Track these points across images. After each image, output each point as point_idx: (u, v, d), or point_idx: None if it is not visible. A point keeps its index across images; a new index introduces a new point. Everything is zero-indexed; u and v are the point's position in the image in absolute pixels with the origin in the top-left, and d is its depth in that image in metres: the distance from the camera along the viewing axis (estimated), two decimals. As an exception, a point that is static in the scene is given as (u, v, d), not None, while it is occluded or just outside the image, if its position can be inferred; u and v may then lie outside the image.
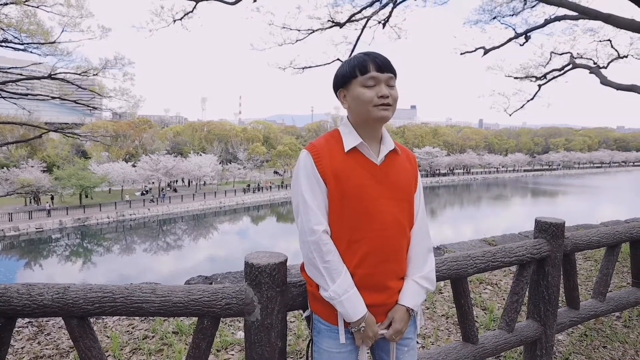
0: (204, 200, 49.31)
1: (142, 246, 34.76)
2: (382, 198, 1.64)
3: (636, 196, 55.32)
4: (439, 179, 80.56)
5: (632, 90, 8.83)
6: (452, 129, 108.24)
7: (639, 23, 6.40)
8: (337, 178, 1.61)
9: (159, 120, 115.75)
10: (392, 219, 1.66)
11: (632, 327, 3.83)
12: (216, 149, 68.18)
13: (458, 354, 2.60)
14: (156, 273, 27.13)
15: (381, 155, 1.68)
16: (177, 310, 1.75)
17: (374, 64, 1.62)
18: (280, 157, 66.53)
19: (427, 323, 3.85)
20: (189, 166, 51.81)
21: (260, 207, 52.37)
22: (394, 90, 1.65)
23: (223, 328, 3.57)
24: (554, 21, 9.66)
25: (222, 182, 60.11)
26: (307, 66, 11.63)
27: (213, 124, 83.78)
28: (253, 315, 1.79)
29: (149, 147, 62.68)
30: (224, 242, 36.54)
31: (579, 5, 7.56)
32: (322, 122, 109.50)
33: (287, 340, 3.34)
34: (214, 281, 4.43)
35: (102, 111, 60.22)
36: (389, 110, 1.63)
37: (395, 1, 10.38)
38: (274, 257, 1.82)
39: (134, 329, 3.49)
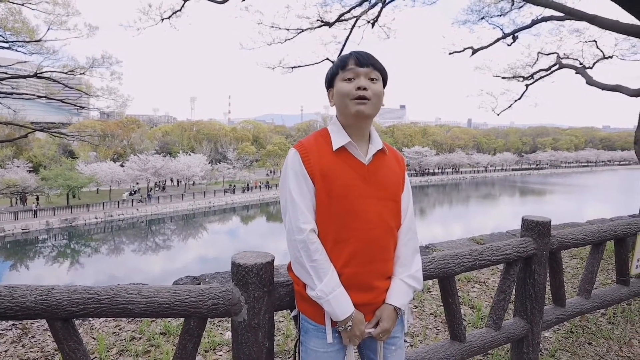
0: (193, 200, 49.04)
1: (131, 247, 34.47)
2: (368, 197, 1.64)
3: (621, 195, 56.10)
4: (428, 178, 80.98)
5: (617, 90, 8.94)
6: (441, 128, 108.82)
7: (623, 24, 6.49)
8: (324, 177, 1.61)
9: (148, 120, 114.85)
10: (379, 218, 1.66)
11: (616, 324, 3.89)
12: (205, 149, 67.83)
13: (446, 352, 2.62)
14: (145, 274, 26.93)
15: (369, 155, 1.67)
16: (163, 311, 1.74)
17: (353, 59, 1.63)
18: (270, 156, 66.40)
19: (416, 322, 3.87)
20: (178, 166, 51.49)
21: (249, 207, 52.20)
22: (376, 84, 1.63)
23: (211, 328, 3.55)
24: (541, 22, 9.75)
25: (212, 182, 59.82)
26: (296, 66, 11.61)
27: (202, 124, 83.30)
28: (240, 316, 1.79)
29: (137, 146, 62.15)
30: (213, 242, 36.39)
31: (565, 6, 7.63)
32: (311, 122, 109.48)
33: (275, 340, 3.34)
34: (202, 281, 4.40)
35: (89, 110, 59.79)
36: (366, 104, 1.61)
37: (384, 1, 10.40)
38: (260, 257, 1.81)
39: (121, 330, 3.46)
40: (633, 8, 5.54)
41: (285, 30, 11.12)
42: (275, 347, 3.24)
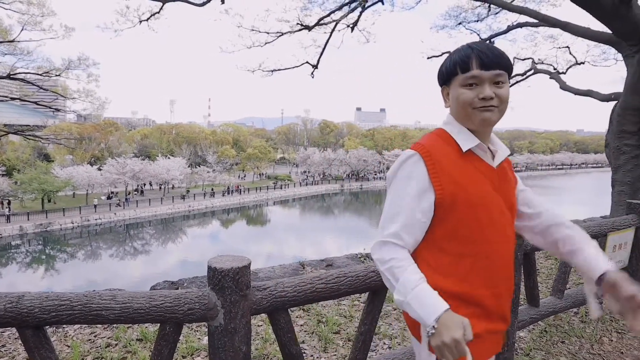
0: (173, 204, 48.44)
1: (109, 252, 33.85)
2: (500, 207, 1.44)
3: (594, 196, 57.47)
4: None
5: (589, 95, 9.19)
6: (421, 131, 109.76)
7: (594, 32, 6.69)
8: (456, 184, 1.39)
9: (126, 123, 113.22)
10: (511, 229, 1.48)
11: (588, 322, 3.98)
12: (185, 152, 67.16)
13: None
14: (124, 279, 26.49)
15: (498, 159, 1.48)
16: (139, 317, 1.72)
17: (477, 60, 1.38)
18: (250, 159, 66.09)
19: (394, 324, 3.90)
20: (157, 169, 50.80)
21: (230, 211, 51.82)
22: (503, 88, 1.40)
23: (189, 333, 3.52)
24: (516, 28, 9.96)
25: (191, 185, 59.21)
26: (276, 69, 11.61)
27: (182, 127, 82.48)
28: (216, 320, 1.78)
29: (115, 150, 61.16)
30: (194, 246, 35.97)
31: (539, 13, 7.82)
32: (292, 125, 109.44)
33: (255, 344, 3.34)
34: (180, 286, 4.36)
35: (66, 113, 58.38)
36: (493, 111, 1.39)
37: (364, 5, 10.48)
38: (237, 261, 1.81)
39: (96, 337, 3.40)
40: (603, 17, 5.70)
41: (265, 33, 11.12)
42: (254, 352, 3.23)
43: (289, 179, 71.21)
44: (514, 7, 8.41)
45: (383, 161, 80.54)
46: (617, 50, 6.46)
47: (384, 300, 2.48)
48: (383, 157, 79.99)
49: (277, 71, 11.69)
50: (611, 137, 6.33)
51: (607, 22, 5.77)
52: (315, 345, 3.42)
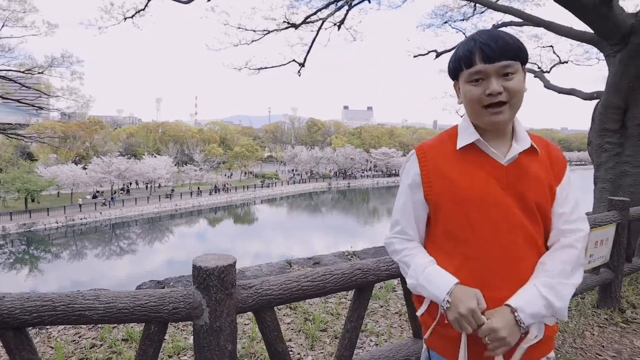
0: (159, 202, 48.05)
1: (95, 252, 33.48)
2: (505, 206, 1.33)
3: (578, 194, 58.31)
4: (396, 179, 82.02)
5: (572, 93, 9.32)
6: (408, 130, 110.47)
7: (577, 31, 6.78)
8: (445, 180, 1.38)
9: (112, 121, 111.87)
10: (523, 235, 1.34)
11: (570, 317, 4.05)
12: (171, 151, 66.68)
13: (409, 350, 2.67)
14: (110, 279, 26.24)
15: (510, 155, 1.35)
16: (123, 316, 1.70)
17: (480, 53, 1.29)
18: (237, 158, 65.82)
19: (381, 321, 3.92)
20: (143, 168, 50.36)
21: (217, 209, 51.58)
22: (513, 80, 1.29)
23: (175, 333, 3.50)
24: (501, 27, 10.04)
25: (178, 184, 58.78)
26: (262, 67, 11.58)
27: (168, 125, 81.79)
28: (201, 319, 1.77)
29: (100, 148, 60.49)
30: (181, 245, 35.76)
31: (524, 13, 7.90)
32: (279, 123, 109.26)
33: (241, 343, 3.33)
34: (167, 285, 4.33)
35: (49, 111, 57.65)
36: (502, 112, 1.30)
37: (350, 3, 10.49)
38: (222, 260, 1.80)
39: (81, 337, 3.36)
40: (585, 16, 5.79)
41: (252, 31, 11.08)
42: (240, 350, 3.23)
43: (276, 177, 71.09)
44: (499, 6, 8.50)
45: (370, 159, 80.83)
46: (599, 50, 6.56)
47: (370, 298, 2.49)
48: (370, 155, 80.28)
49: (264, 69, 11.66)
50: (593, 135, 6.43)
51: (589, 22, 5.86)
52: (302, 343, 3.43)
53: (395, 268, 2.49)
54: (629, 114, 5.87)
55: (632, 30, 5.54)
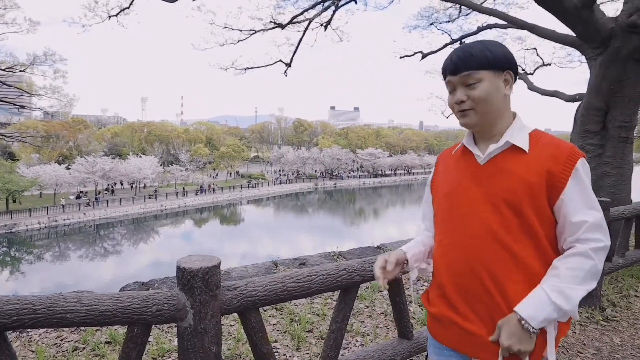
0: (144, 203, 47.57)
1: (78, 253, 33.01)
2: (476, 201, 1.41)
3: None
4: (382, 180, 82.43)
5: (555, 95, 9.47)
6: (394, 130, 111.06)
7: (559, 34, 6.89)
8: (440, 179, 1.61)
9: (96, 121, 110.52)
10: (484, 228, 1.38)
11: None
12: (157, 151, 66.11)
13: (394, 350, 2.68)
14: (94, 281, 25.89)
15: (486, 153, 1.42)
16: (105, 319, 1.68)
17: (449, 66, 1.42)
18: (224, 158, 65.48)
19: (367, 321, 3.94)
20: (128, 168, 49.82)
21: (203, 210, 51.24)
22: (474, 89, 1.37)
23: (160, 335, 3.47)
24: (486, 29, 10.17)
25: (164, 184, 58.27)
26: (249, 67, 11.54)
27: (153, 125, 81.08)
28: (186, 321, 1.76)
29: (84, 148, 59.72)
30: (167, 246, 35.43)
31: (508, 15, 8.01)
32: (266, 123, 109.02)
33: (227, 344, 3.32)
34: (151, 287, 4.29)
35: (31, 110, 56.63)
36: (468, 116, 1.40)
37: (337, 4, 10.52)
38: (206, 261, 1.79)
39: (63, 341, 3.31)
40: (567, 20, 5.88)
41: (238, 31, 11.04)
42: (226, 352, 3.21)
43: (262, 177, 70.89)
44: (484, 8, 8.59)
45: (357, 160, 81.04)
46: (580, 53, 6.68)
47: (356, 298, 2.50)
48: (357, 156, 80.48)
49: (250, 69, 11.63)
50: (575, 136, 6.53)
51: (571, 25, 5.96)
52: (288, 344, 3.42)
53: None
54: (610, 116, 5.98)
55: (612, 34, 5.65)
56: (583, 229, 1.31)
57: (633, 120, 6.05)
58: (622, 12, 5.76)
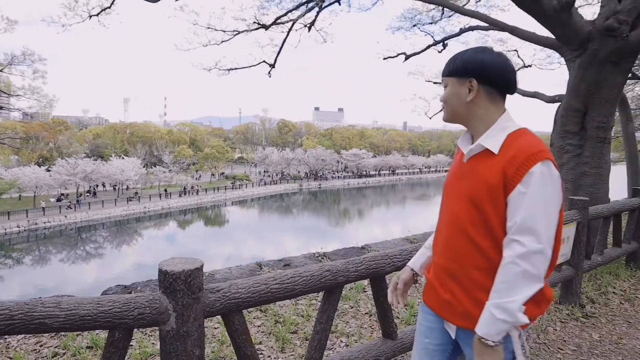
0: (127, 205, 46.97)
1: (59, 256, 32.44)
2: (453, 195, 1.62)
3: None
4: (366, 180, 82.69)
5: (536, 96, 9.62)
6: (378, 131, 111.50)
7: (539, 36, 7.00)
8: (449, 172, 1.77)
9: (77, 122, 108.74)
10: (453, 218, 1.58)
11: (535, 315, 4.17)
12: (140, 152, 65.33)
13: (378, 350, 2.69)
14: (76, 284, 25.51)
15: (466, 153, 1.58)
16: (85, 324, 1.66)
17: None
18: (208, 159, 65.02)
19: (351, 322, 3.95)
20: (110, 170, 49.14)
21: (187, 212, 50.79)
22: (445, 92, 1.63)
23: (143, 338, 3.43)
24: (468, 31, 10.29)
25: (147, 186, 57.60)
26: (232, 68, 11.48)
27: (136, 126, 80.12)
28: (168, 324, 1.75)
29: (65, 150, 58.72)
30: (150, 248, 35.04)
31: (489, 17, 8.10)
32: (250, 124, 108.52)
33: (211, 347, 3.29)
34: (134, 290, 4.24)
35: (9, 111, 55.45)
36: (443, 112, 1.67)
37: (321, 5, 10.53)
38: (189, 263, 1.78)
39: (42, 346, 3.25)
40: (547, 22, 5.98)
41: (222, 31, 10.97)
42: (210, 355, 3.19)
43: (247, 178, 70.58)
44: (466, 10, 8.69)
45: (341, 160, 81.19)
46: (560, 55, 6.78)
47: (340, 299, 2.50)
48: (341, 157, 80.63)
49: (234, 70, 11.56)
50: (555, 137, 6.64)
51: (550, 28, 6.06)
52: (273, 346, 3.41)
53: (364, 269, 2.51)
54: (588, 116, 6.09)
55: (589, 37, 5.76)
56: (512, 230, 1.40)
57: (610, 121, 6.17)
58: (599, 16, 5.88)
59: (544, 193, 1.38)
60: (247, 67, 11.38)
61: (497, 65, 1.51)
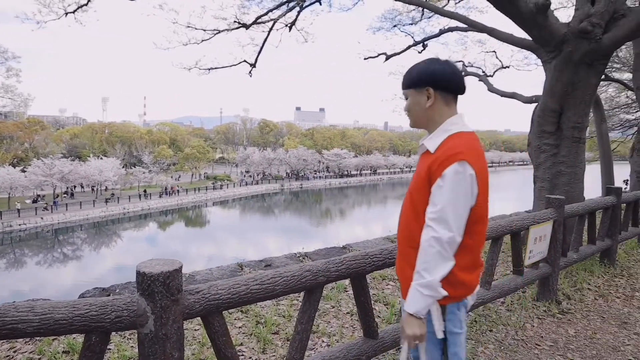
0: (106, 206, 46.17)
1: (35, 259, 31.69)
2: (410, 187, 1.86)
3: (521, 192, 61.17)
4: (348, 180, 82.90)
5: (514, 97, 9.79)
6: (359, 131, 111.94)
7: (517, 38, 7.12)
8: None
9: (54, 121, 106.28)
10: (402, 208, 1.89)
11: (513, 310, 4.24)
12: (119, 152, 64.28)
13: (359, 349, 2.70)
14: (54, 288, 24.98)
15: (418, 152, 1.87)
16: (61, 328, 1.63)
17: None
18: (188, 160, 64.35)
19: (333, 322, 3.95)
20: (88, 170, 48.19)
21: (168, 212, 50.17)
22: (407, 102, 1.85)
23: (121, 342, 3.38)
24: (447, 32, 10.41)
25: (126, 186, 56.70)
26: (213, 67, 11.36)
27: (115, 126, 78.86)
28: (146, 327, 1.72)
29: (41, 150, 57.31)
30: (131, 250, 34.48)
31: (468, 19, 8.21)
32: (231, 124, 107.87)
33: (191, 349, 3.26)
34: (112, 292, 4.18)
35: (-18, 110, 54.02)
36: (409, 120, 1.90)
37: (302, 5, 10.51)
38: (167, 265, 1.76)
39: (16, 352, 3.17)
40: (524, 24, 6.09)
41: (202, 30, 10.84)
42: (190, 357, 3.16)
43: (228, 179, 70.06)
44: (445, 11, 8.78)
45: (323, 160, 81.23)
46: (537, 56, 6.91)
47: (320, 299, 2.51)
48: (323, 157, 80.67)
49: (215, 69, 11.45)
50: (533, 136, 6.77)
51: (527, 29, 6.17)
52: (254, 347, 3.40)
53: (345, 268, 2.52)
54: (564, 117, 6.22)
55: (564, 39, 5.89)
56: (429, 217, 1.67)
57: (585, 121, 6.32)
58: (573, 19, 6.02)
59: (456, 189, 1.63)
60: (227, 66, 11.28)
61: (447, 73, 1.75)
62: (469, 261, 1.75)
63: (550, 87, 6.25)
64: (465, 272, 1.74)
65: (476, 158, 1.68)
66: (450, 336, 1.80)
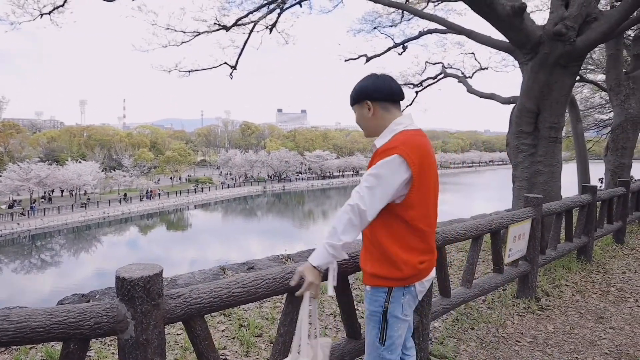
0: (85, 211, 45.37)
1: (12, 266, 30.95)
2: None
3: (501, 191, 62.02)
4: (330, 181, 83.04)
5: (492, 98, 9.94)
6: (341, 132, 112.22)
7: (494, 40, 7.24)
8: None
9: (30, 125, 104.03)
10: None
11: (494, 308, 4.31)
12: (98, 156, 63.22)
13: (343, 350, 2.71)
14: (32, 294, 24.42)
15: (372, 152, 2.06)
16: (37, 336, 1.59)
17: None
18: (169, 162, 63.64)
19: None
20: (66, 174, 47.29)
21: (149, 216, 49.53)
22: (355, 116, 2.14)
23: (102, 348, 3.32)
24: (427, 34, 10.52)
25: (106, 190, 55.81)
26: (193, 69, 11.27)
27: (94, 129, 77.59)
28: (127, 333, 1.70)
29: (17, 154, 56.02)
30: (111, 255, 33.93)
31: (447, 21, 8.32)
32: (212, 127, 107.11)
33: (174, 354, 3.23)
34: (92, 298, 4.11)
35: (-45, 114, 52.58)
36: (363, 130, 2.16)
37: (282, 7, 10.51)
38: (148, 269, 1.74)
39: (-7, 361, 3.10)
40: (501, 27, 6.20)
41: (182, 32, 10.75)
42: (172, 362, 3.12)
43: (210, 181, 69.52)
44: (425, 14, 8.88)
45: (305, 162, 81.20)
46: (514, 58, 7.04)
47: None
48: (305, 158, 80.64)
49: (195, 71, 11.36)
50: (511, 136, 6.89)
51: (504, 32, 6.28)
52: (237, 350, 3.38)
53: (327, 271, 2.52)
54: (541, 117, 6.35)
55: (540, 41, 6.01)
56: (354, 189, 1.93)
57: (561, 121, 6.46)
58: (548, 21, 6.15)
59: (380, 175, 1.86)
60: (208, 68, 11.21)
61: (378, 85, 2.01)
62: (410, 243, 1.95)
63: (527, 88, 6.37)
64: (406, 252, 1.94)
65: (411, 151, 1.87)
66: (390, 318, 2.01)
